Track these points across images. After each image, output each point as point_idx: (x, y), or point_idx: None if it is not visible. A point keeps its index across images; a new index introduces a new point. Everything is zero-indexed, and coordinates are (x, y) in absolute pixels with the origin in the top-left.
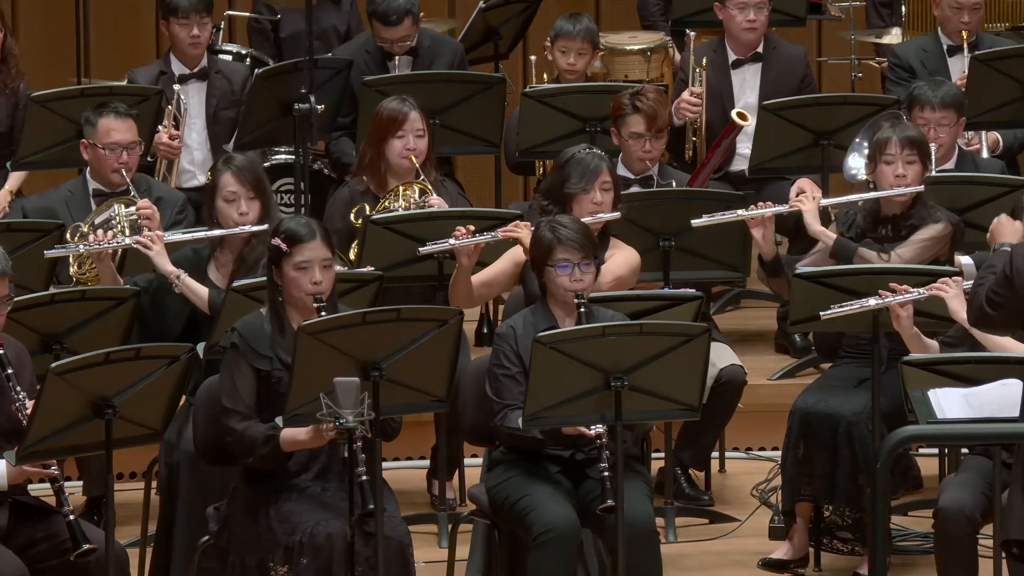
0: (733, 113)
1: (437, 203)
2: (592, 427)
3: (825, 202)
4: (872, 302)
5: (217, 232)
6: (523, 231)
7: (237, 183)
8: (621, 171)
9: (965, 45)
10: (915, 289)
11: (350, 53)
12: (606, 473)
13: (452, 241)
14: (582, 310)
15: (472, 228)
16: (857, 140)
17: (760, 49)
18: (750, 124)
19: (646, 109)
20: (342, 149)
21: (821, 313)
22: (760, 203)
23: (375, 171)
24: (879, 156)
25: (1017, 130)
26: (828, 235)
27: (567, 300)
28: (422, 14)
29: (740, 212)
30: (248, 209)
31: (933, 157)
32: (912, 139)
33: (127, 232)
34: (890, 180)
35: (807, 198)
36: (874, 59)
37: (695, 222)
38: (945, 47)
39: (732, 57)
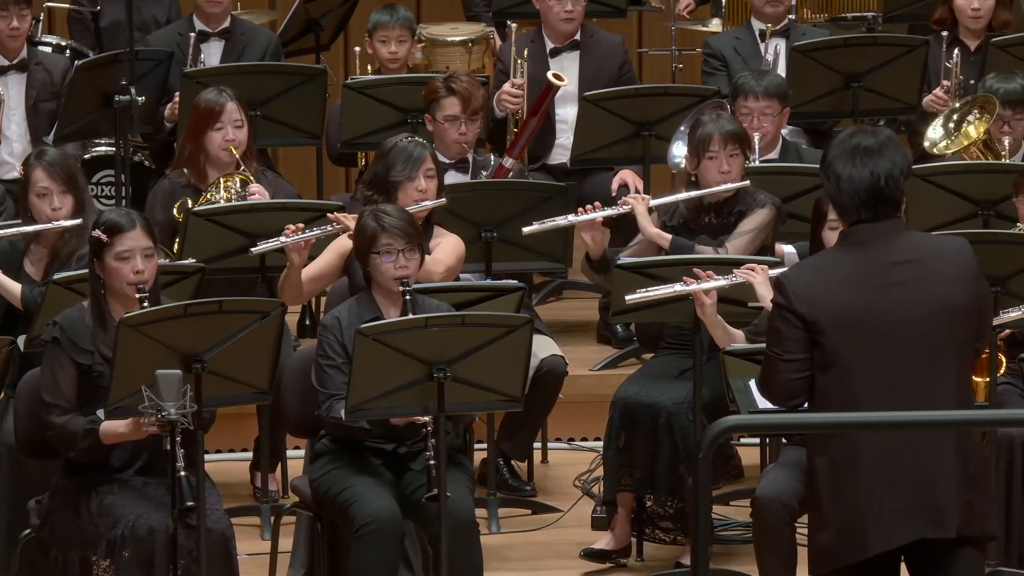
0: (549, 74)
1: (257, 190)
2: None
3: (654, 202)
4: (678, 287)
5: (30, 228)
6: (351, 221)
7: (48, 178)
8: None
9: (767, 30)
10: (721, 276)
11: (165, 37)
12: (432, 462)
13: (283, 239)
14: (407, 298)
15: (302, 225)
16: (681, 129)
17: (578, 37)
18: (567, 84)
19: (460, 91)
20: None
21: (626, 297)
22: (589, 206)
23: (195, 164)
24: (701, 152)
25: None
26: (664, 236)
27: (392, 288)
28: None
29: (570, 217)
30: (61, 204)
31: (756, 147)
32: (733, 133)
33: None
34: (715, 176)
35: (638, 199)
36: (695, 49)
37: (526, 230)
38: (757, 32)
39: (550, 46)
